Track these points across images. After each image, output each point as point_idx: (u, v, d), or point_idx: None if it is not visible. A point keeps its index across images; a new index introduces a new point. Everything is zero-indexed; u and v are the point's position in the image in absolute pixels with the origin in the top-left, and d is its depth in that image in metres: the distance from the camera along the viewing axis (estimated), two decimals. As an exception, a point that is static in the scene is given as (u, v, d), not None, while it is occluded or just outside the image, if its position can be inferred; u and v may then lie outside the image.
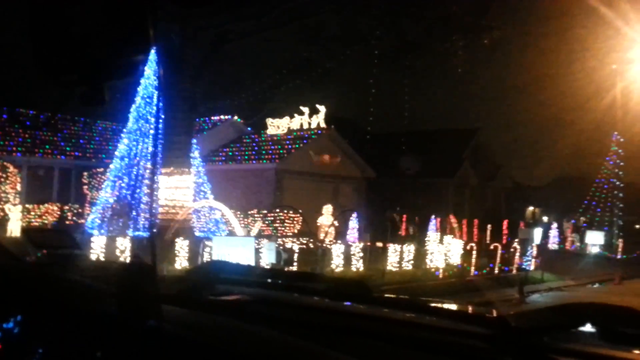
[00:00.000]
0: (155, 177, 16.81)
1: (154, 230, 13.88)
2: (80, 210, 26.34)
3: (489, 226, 30.53)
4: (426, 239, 21.52)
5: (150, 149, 20.56)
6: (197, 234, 20.23)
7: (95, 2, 1.55)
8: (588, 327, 1.73)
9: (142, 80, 20.65)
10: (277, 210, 26.73)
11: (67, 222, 25.71)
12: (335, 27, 20.05)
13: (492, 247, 22.55)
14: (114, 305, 1.85)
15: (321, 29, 20.24)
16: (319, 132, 33.36)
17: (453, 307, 2.32)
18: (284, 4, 20.42)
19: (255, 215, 26.34)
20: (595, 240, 34.31)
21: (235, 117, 35.43)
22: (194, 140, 21.76)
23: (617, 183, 40.18)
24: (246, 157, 32.98)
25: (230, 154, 33.79)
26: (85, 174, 27.43)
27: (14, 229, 21.44)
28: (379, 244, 20.96)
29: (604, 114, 29.22)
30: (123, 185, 20.68)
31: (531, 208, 49.58)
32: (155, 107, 20.59)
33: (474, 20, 24.98)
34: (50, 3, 1.59)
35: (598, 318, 1.66)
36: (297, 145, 32.41)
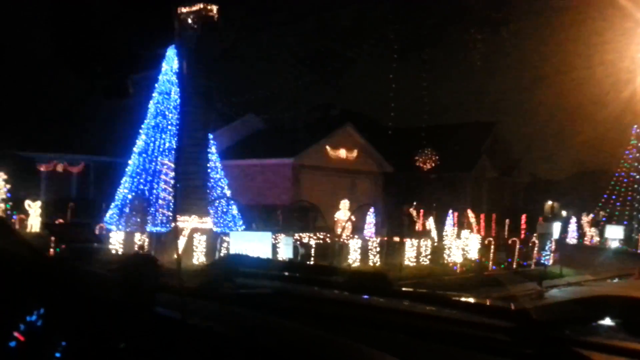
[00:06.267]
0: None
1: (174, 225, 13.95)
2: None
3: (507, 220, 30.35)
4: (444, 233, 21.47)
5: (168, 144, 20.65)
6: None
7: None
8: (609, 320, 1.72)
9: (160, 76, 20.74)
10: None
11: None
12: (352, 21, 19.98)
13: (510, 241, 22.43)
14: (121, 294, 1.90)
15: (337, 23, 20.21)
16: (336, 126, 33.30)
17: (474, 300, 2.32)
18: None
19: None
20: (614, 234, 33.98)
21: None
22: (211, 136, 21.78)
23: (637, 177, 39.75)
24: (263, 153, 32.96)
25: (247, 149, 33.78)
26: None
27: (34, 224, 21.65)
28: (396, 239, 20.92)
29: (624, 107, 28.88)
30: (141, 180, 20.76)
31: (550, 202, 49.20)
32: (172, 102, 20.68)
33: (491, 13, 24.84)
34: None
35: (619, 311, 1.66)
36: (314, 140, 32.37)
